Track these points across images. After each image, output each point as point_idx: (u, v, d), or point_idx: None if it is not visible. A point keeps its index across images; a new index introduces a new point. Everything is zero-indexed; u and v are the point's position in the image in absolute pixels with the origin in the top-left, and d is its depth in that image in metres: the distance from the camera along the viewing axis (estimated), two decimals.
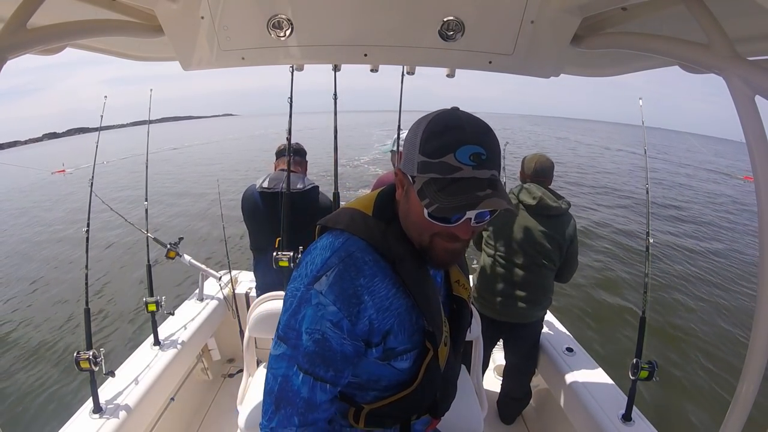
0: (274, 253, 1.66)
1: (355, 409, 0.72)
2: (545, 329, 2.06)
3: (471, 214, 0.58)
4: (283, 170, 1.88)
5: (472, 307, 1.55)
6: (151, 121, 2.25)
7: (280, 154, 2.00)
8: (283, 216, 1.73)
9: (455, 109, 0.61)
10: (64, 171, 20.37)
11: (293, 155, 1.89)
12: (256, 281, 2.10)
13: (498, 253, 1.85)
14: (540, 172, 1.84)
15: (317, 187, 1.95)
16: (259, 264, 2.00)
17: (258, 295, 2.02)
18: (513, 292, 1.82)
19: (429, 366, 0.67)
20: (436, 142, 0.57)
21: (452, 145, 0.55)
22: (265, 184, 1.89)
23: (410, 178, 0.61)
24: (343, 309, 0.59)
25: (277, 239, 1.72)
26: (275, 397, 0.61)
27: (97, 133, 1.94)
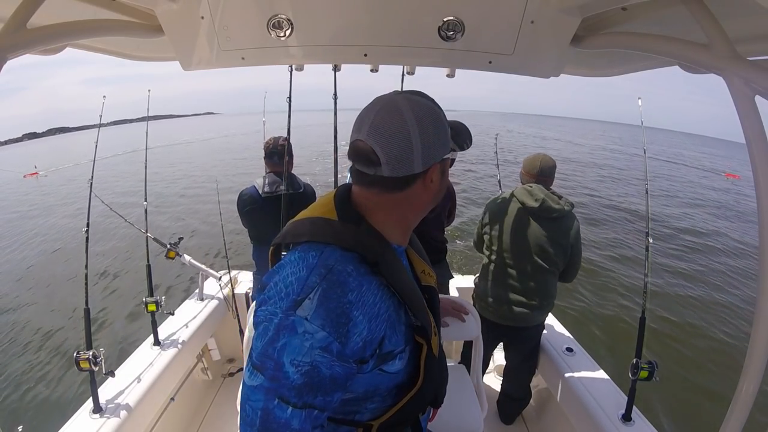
0: None
1: (363, 429, 0.69)
2: (545, 330, 2.05)
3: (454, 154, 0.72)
4: (275, 173, 1.95)
5: (473, 307, 1.56)
6: (133, 120, 2.27)
7: (270, 155, 1.98)
8: (283, 218, 1.76)
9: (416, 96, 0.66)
10: (36, 174, 19.29)
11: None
12: (257, 266, 2.11)
13: (499, 257, 1.82)
14: (545, 171, 1.79)
15: (310, 185, 2.03)
16: (262, 253, 2.03)
17: (257, 277, 2.12)
18: (515, 297, 1.79)
19: (427, 360, 0.66)
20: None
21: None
22: (267, 189, 1.93)
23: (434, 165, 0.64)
24: (333, 332, 0.54)
25: None
26: (258, 430, 0.56)
27: (77, 132, 1.97)
